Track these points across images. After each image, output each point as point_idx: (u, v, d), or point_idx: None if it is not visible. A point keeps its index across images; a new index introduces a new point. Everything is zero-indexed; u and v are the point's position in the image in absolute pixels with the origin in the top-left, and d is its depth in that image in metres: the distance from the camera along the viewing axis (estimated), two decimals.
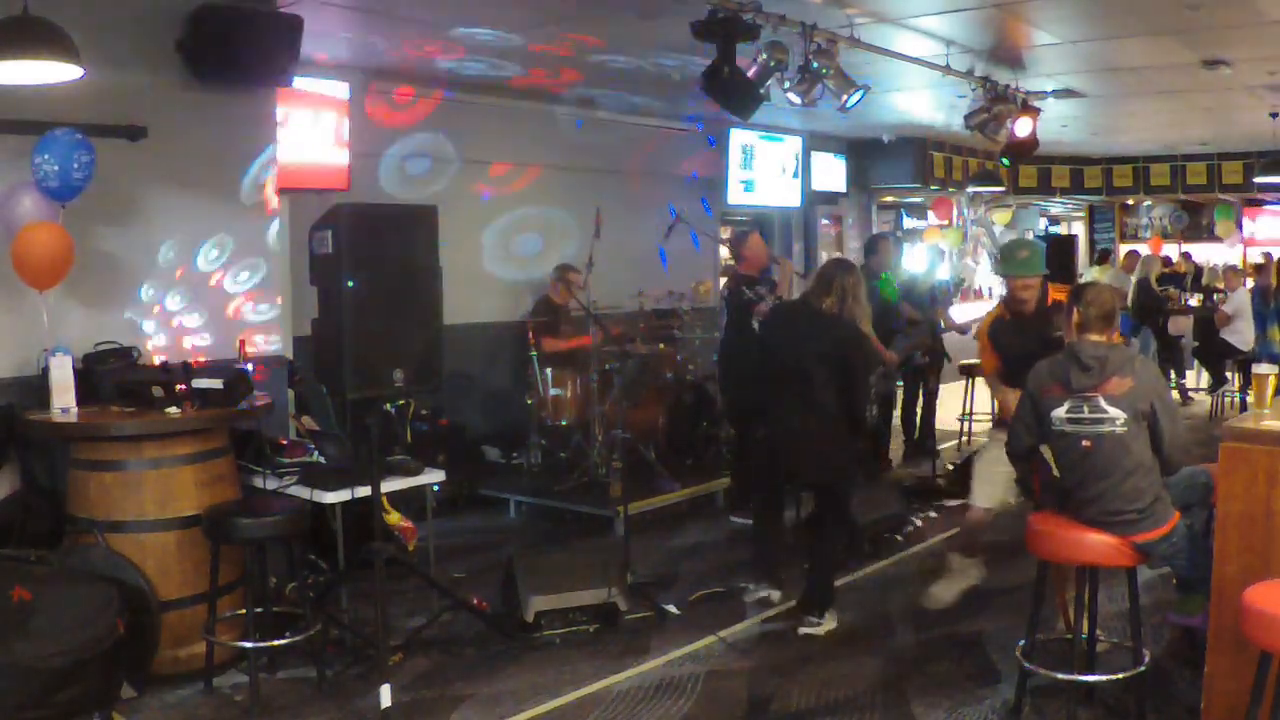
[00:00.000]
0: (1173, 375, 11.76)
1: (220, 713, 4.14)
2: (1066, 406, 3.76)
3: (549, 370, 7.39)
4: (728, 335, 7.24)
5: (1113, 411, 3.68)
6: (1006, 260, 4.97)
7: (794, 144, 10.97)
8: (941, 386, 9.02)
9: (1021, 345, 4.68)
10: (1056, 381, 3.81)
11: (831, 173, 11.68)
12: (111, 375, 4.61)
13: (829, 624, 5.01)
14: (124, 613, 3.83)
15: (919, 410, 9.13)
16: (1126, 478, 3.69)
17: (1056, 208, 16.13)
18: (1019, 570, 5.63)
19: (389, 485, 4.78)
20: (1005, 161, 9.05)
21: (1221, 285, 13.14)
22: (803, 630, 4.98)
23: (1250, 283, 10.89)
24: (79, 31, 4.12)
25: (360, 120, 7.30)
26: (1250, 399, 3.95)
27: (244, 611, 4.31)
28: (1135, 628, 3.92)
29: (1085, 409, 3.72)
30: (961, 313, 9.67)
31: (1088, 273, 12.17)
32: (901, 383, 8.92)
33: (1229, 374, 11.15)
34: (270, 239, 5.53)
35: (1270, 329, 7.06)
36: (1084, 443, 3.74)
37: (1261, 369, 3.94)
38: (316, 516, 4.74)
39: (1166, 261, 13.53)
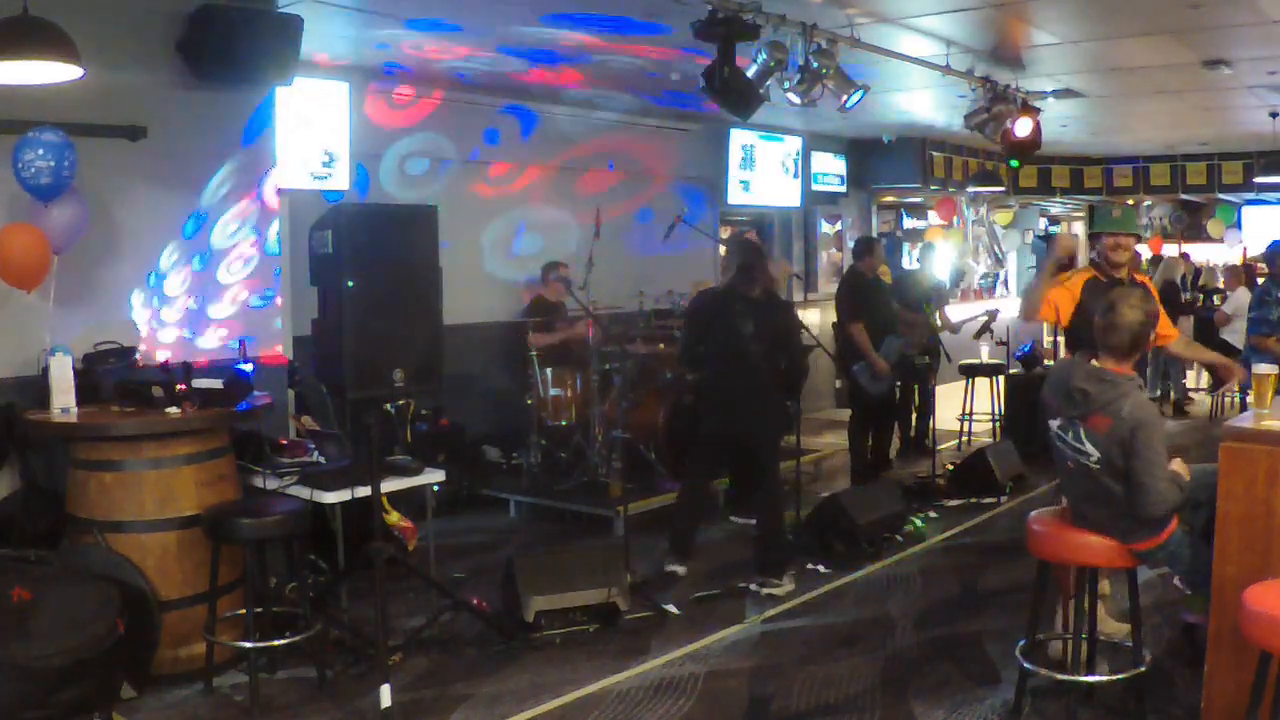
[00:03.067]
0: (1173, 375, 11.74)
1: (220, 713, 4.14)
2: (1059, 423, 3.76)
3: (549, 370, 7.39)
4: None
5: (1089, 447, 3.63)
6: (1100, 218, 4.90)
7: (794, 144, 10.97)
8: (940, 386, 9.02)
9: None
10: (1054, 395, 3.79)
11: (831, 173, 11.69)
12: (111, 375, 4.61)
13: (787, 585, 5.50)
14: (124, 613, 3.83)
15: (914, 410, 9.15)
16: (1106, 504, 3.68)
17: (1056, 208, 16.11)
18: (1019, 570, 5.64)
19: (389, 485, 4.78)
20: (1014, 163, 8.98)
21: (1220, 285, 13.14)
22: (765, 591, 5.46)
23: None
24: (79, 31, 4.12)
25: (360, 120, 7.31)
26: (1250, 399, 3.94)
27: (244, 611, 4.30)
28: (1135, 628, 3.92)
29: (1070, 434, 3.70)
30: (959, 312, 9.67)
31: None
32: (899, 382, 8.91)
33: None
34: (270, 239, 5.54)
35: None
36: (1069, 463, 3.75)
37: (1261, 369, 3.94)
38: (316, 516, 4.74)
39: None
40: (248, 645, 4.19)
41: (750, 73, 5.94)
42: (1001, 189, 12.46)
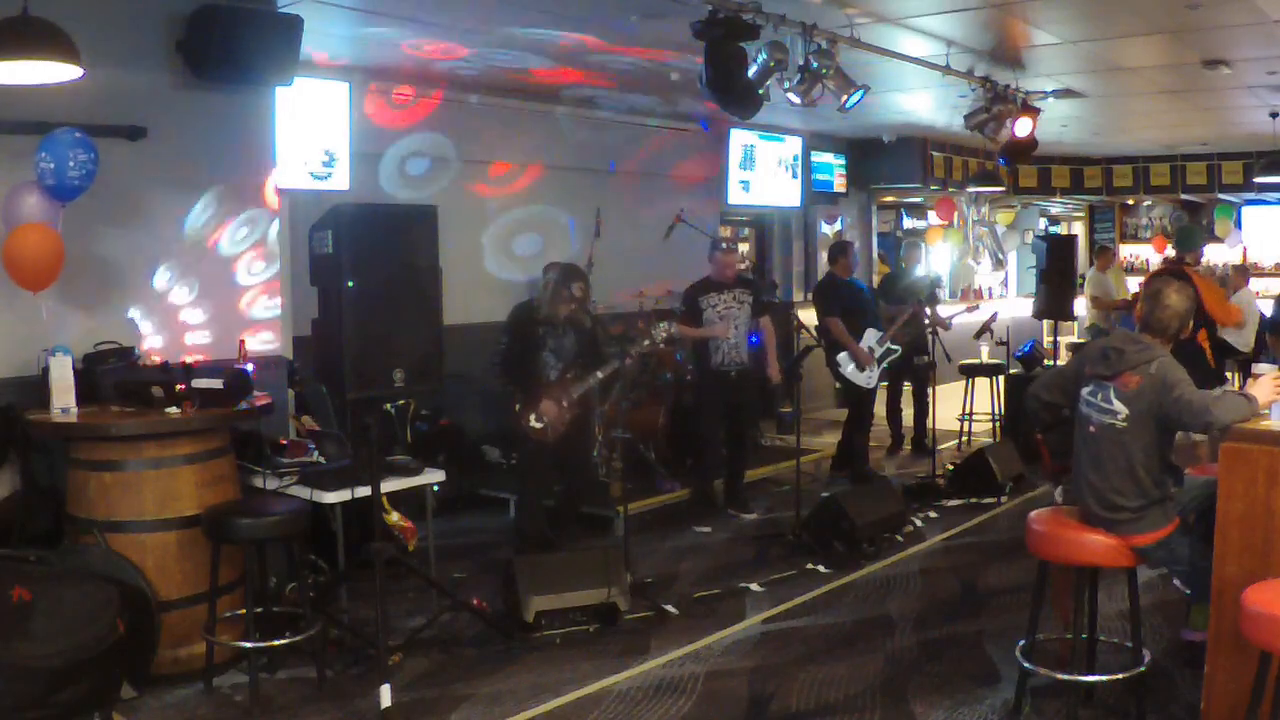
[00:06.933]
0: None
1: (220, 713, 4.14)
2: (1089, 388, 3.88)
3: None
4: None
5: (1117, 405, 3.75)
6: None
7: (794, 144, 10.97)
8: (940, 386, 9.02)
9: None
10: (1090, 361, 3.93)
11: (831, 172, 11.68)
12: (111, 375, 4.61)
13: None
14: (124, 613, 3.82)
15: (904, 410, 9.16)
16: (1117, 474, 3.74)
17: (1056, 208, 16.11)
18: (1019, 570, 5.64)
19: (389, 485, 4.78)
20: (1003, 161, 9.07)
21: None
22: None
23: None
24: (79, 31, 4.12)
25: (360, 120, 7.30)
26: None
27: (244, 611, 4.31)
28: (1135, 628, 3.92)
29: (1099, 396, 3.83)
30: (951, 309, 9.67)
31: (1090, 272, 12.17)
32: (886, 382, 8.87)
33: (1229, 374, 11.14)
34: (270, 239, 5.54)
35: None
36: (1090, 428, 3.85)
37: (1261, 369, 3.94)
38: (316, 516, 4.74)
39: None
40: (248, 645, 4.19)
41: (750, 73, 5.94)
42: (1001, 189, 12.44)
